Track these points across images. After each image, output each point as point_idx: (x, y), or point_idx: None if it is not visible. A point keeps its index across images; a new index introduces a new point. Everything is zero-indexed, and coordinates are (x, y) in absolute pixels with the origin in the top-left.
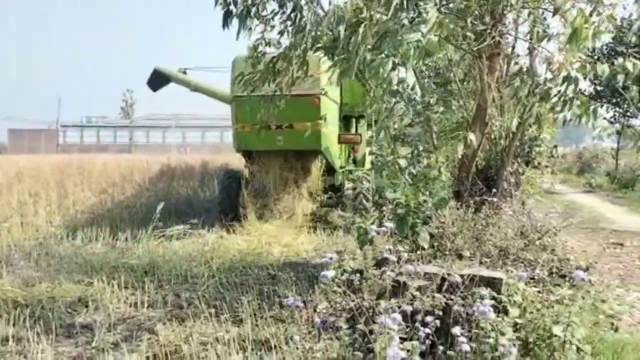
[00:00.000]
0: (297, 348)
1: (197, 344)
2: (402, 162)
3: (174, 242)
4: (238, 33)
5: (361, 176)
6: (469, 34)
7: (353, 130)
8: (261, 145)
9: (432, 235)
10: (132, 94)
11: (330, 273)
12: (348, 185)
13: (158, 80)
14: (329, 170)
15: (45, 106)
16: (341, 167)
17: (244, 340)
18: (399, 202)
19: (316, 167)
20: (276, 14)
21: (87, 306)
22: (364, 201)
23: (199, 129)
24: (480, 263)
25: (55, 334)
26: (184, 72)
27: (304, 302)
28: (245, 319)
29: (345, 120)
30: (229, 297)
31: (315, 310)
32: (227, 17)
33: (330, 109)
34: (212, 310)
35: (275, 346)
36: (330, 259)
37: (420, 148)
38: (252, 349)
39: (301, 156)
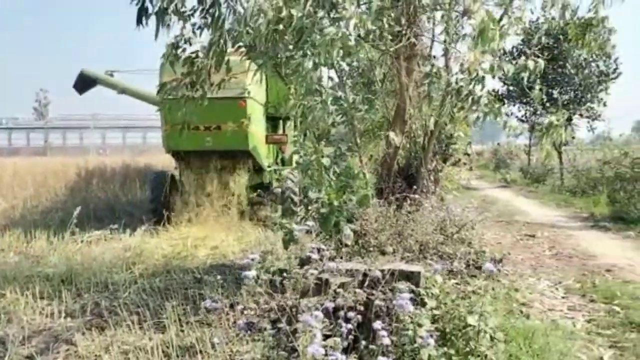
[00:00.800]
0: (224, 351)
1: (118, 353)
2: (326, 162)
3: (94, 248)
4: (157, 32)
5: (286, 175)
6: (385, 34)
7: (280, 130)
8: (190, 146)
9: (356, 233)
10: (47, 94)
11: (252, 273)
12: (276, 183)
13: (84, 83)
14: (258, 169)
15: None
16: (269, 167)
17: (168, 347)
18: (322, 202)
19: (245, 167)
20: (195, 10)
21: None
22: (291, 197)
23: (119, 129)
24: (402, 258)
25: None
26: (111, 75)
27: (231, 304)
28: (169, 325)
29: (273, 121)
30: (152, 303)
31: (242, 313)
32: (141, 14)
33: (256, 111)
34: (135, 318)
35: (200, 351)
36: (252, 260)
37: (343, 147)
38: (177, 356)
39: (230, 156)
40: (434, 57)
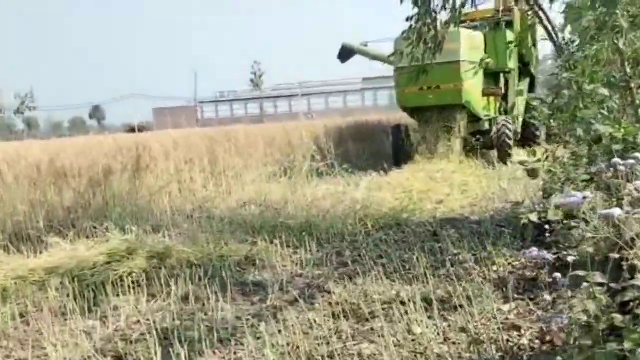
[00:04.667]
0: (484, 309)
1: (376, 302)
2: (605, 92)
3: (326, 202)
4: None
5: (502, 122)
6: None
7: (502, 83)
8: (417, 103)
9: None
10: (260, 66)
11: (617, 211)
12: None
13: (346, 53)
14: (475, 119)
15: (176, 82)
16: (487, 116)
17: (424, 299)
18: (613, 137)
19: (463, 118)
20: None
21: (254, 264)
22: (506, 140)
23: (322, 95)
24: None
25: (231, 292)
26: (365, 45)
27: (476, 259)
28: (417, 277)
29: (493, 76)
30: (393, 254)
31: (490, 269)
32: None
33: (471, 70)
34: (380, 269)
35: (461, 305)
36: (584, 198)
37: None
38: (438, 309)
39: (450, 110)
40: None
